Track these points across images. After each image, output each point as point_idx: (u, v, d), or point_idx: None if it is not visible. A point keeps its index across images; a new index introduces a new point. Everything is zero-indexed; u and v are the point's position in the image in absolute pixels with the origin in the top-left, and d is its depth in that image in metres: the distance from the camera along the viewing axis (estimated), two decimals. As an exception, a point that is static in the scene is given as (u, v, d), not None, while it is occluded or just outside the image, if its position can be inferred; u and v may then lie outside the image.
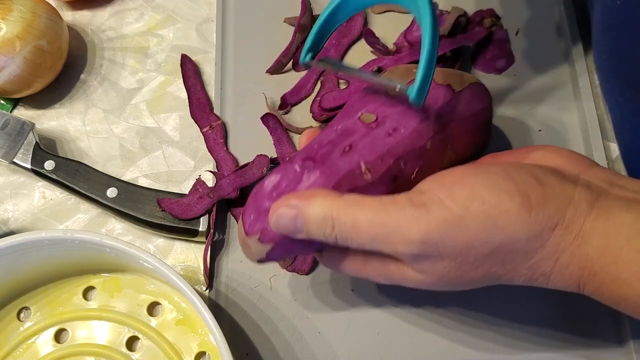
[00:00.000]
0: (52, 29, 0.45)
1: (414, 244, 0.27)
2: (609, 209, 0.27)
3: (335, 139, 0.32)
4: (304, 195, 0.29)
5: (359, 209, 0.28)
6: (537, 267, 0.27)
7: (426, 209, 0.27)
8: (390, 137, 0.32)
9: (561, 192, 0.27)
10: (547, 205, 0.27)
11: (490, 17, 0.47)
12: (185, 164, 0.45)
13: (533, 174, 0.28)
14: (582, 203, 0.27)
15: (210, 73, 0.48)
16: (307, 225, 0.29)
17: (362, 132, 0.32)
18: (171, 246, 0.43)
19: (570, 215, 0.27)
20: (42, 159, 0.43)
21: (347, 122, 0.33)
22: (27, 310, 0.41)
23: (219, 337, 0.33)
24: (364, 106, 0.33)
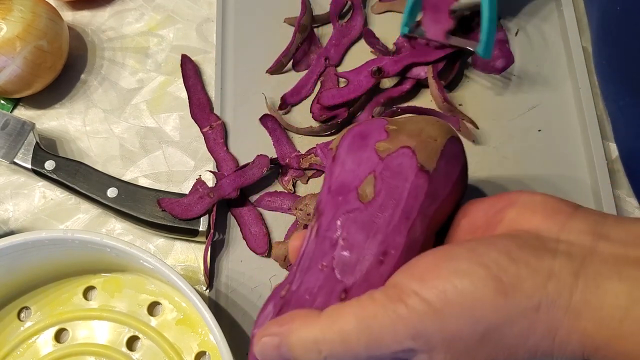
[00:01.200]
0: (52, 29, 0.45)
1: (405, 341, 0.26)
2: (596, 277, 0.25)
3: (325, 283, 0.29)
4: (283, 321, 0.28)
5: (342, 320, 0.26)
6: (536, 349, 0.26)
7: (404, 304, 0.26)
8: (383, 264, 0.29)
9: (538, 267, 0.26)
10: (523, 286, 0.25)
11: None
12: (186, 164, 0.45)
13: (505, 251, 0.26)
14: (564, 275, 0.25)
15: (210, 73, 0.48)
16: (293, 353, 0.27)
17: (352, 266, 0.29)
18: (171, 246, 0.43)
19: (553, 291, 0.25)
20: (43, 159, 0.43)
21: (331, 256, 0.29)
22: (27, 310, 0.41)
23: (219, 337, 0.33)
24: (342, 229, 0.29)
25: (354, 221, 0.29)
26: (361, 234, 0.29)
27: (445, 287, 0.26)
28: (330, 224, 0.30)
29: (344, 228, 0.29)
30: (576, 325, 0.25)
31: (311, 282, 0.29)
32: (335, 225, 0.29)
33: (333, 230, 0.29)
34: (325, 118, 0.44)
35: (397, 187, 0.29)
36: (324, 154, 0.43)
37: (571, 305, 0.25)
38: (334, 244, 0.29)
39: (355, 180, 0.30)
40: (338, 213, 0.30)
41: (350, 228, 0.29)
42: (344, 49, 0.47)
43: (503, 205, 0.30)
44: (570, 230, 0.27)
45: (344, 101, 0.43)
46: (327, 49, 0.47)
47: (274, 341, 0.28)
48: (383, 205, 0.29)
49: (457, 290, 0.26)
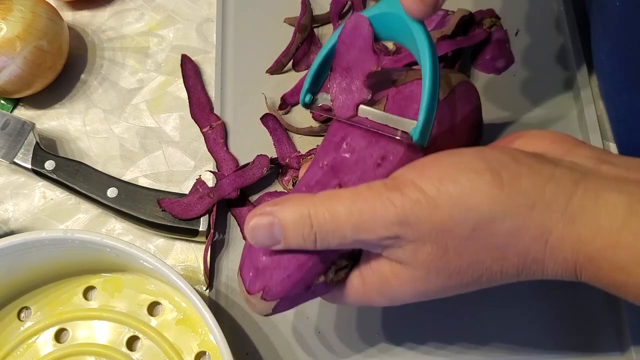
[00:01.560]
0: (52, 29, 0.45)
1: (392, 226, 0.26)
2: (597, 188, 0.25)
3: (322, 178, 0.31)
4: (277, 201, 0.28)
5: (336, 200, 0.27)
6: (527, 253, 0.26)
7: (400, 192, 0.26)
8: (380, 167, 0.30)
9: (539, 170, 0.26)
10: (521, 182, 0.25)
11: (490, 17, 0.47)
12: (186, 164, 0.45)
13: (510, 154, 0.27)
14: (564, 180, 0.25)
15: (210, 73, 0.48)
16: (284, 231, 0.27)
17: (350, 166, 0.30)
18: (171, 246, 0.43)
19: (550, 192, 0.25)
20: (43, 159, 0.43)
21: (332, 156, 0.31)
22: (27, 310, 0.41)
23: (219, 337, 0.33)
24: (347, 135, 0.31)
25: (359, 129, 0.31)
26: (364, 140, 0.31)
27: (442, 176, 0.26)
28: (336, 130, 0.32)
29: (348, 134, 0.31)
30: (571, 230, 0.25)
31: (309, 176, 0.31)
32: (342, 131, 0.31)
33: (339, 136, 0.31)
34: (325, 118, 0.44)
35: (405, 108, 0.31)
36: None
37: (567, 209, 0.25)
38: (337, 147, 0.31)
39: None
40: (344, 123, 0.32)
41: (355, 135, 0.31)
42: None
43: (512, 137, 0.31)
44: (575, 155, 0.28)
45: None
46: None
47: (266, 220, 0.27)
48: None
49: (454, 179, 0.26)
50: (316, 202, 0.27)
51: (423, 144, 0.30)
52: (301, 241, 0.27)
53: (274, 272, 0.29)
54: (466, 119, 0.34)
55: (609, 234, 0.24)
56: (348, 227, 0.27)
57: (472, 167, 0.26)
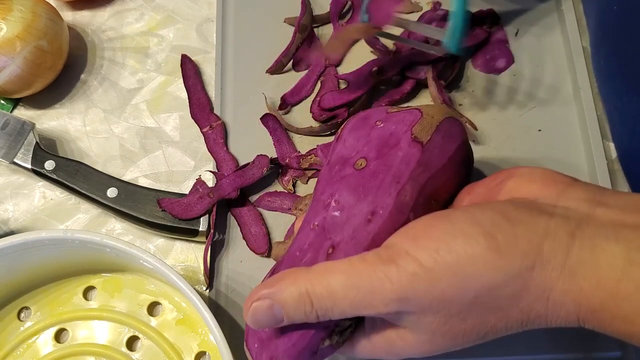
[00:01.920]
0: (52, 29, 0.45)
1: (391, 303, 0.26)
2: (593, 238, 0.25)
3: (315, 240, 0.30)
4: (272, 282, 0.28)
5: (331, 276, 0.27)
6: (530, 310, 0.26)
7: (395, 265, 0.26)
8: (371, 223, 0.29)
9: (534, 227, 0.25)
10: (518, 244, 0.25)
11: (490, 18, 0.47)
12: (185, 164, 0.45)
13: (501, 212, 0.26)
14: (560, 234, 0.25)
15: (210, 73, 0.48)
16: (285, 310, 0.27)
17: (341, 225, 0.30)
18: (171, 246, 0.43)
19: (548, 250, 0.25)
20: (43, 159, 0.43)
21: (322, 216, 0.31)
22: (27, 310, 0.41)
23: (219, 337, 0.33)
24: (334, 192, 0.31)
25: (346, 185, 0.31)
26: (352, 197, 0.30)
27: (438, 245, 0.26)
28: (324, 188, 0.31)
29: (336, 191, 0.31)
30: (571, 285, 0.25)
31: (302, 239, 0.31)
32: (329, 189, 0.31)
33: (327, 194, 0.31)
34: (325, 118, 0.44)
35: (389, 155, 0.31)
36: (324, 154, 0.43)
37: (567, 265, 0.25)
38: (327, 206, 0.31)
39: (353, 153, 0.32)
40: (333, 179, 0.31)
41: (343, 191, 0.31)
42: (344, 49, 0.47)
43: (503, 178, 0.30)
44: (568, 198, 0.27)
45: (344, 103, 0.43)
46: (327, 48, 0.47)
47: (265, 303, 0.27)
48: (375, 171, 0.30)
49: (450, 248, 0.25)
50: (312, 278, 0.27)
51: (456, 50, 0.34)
52: (304, 317, 0.27)
53: (278, 342, 0.29)
54: (454, 157, 0.32)
55: (609, 286, 0.24)
56: (346, 304, 0.26)
57: (467, 234, 0.25)
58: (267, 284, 0.28)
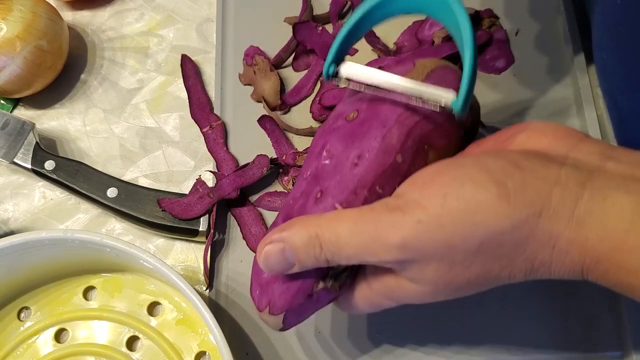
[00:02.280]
0: (52, 29, 0.45)
1: (393, 250, 0.26)
2: (603, 189, 0.25)
3: (306, 189, 0.31)
4: (284, 227, 0.28)
5: (339, 222, 0.27)
6: (534, 258, 0.25)
7: (401, 212, 0.26)
8: (357, 166, 0.30)
9: (544, 175, 0.25)
10: (527, 191, 0.25)
11: (489, 17, 0.46)
12: (185, 164, 0.45)
13: (512, 161, 0.26)
14: (570, 184, 0.25)
15: (210, 73, 0.48)
16: (296, 254, 0.28)
17: (329, 172, 0.30)
18: (171, 246, 0.43)
19: (557, 198, 0.25)
20: (43, 159, 0.43)
21: (314, 166, 0.31)
22: (27, 310, 0.41)
23: (219, 337, 0.33)
24: (326, 142, 0.32)
25: (337, 135, 0.31)
26: (341, 144, 0.31)
27: (446, 191, 0.25)
28: (317, 141, 0.32)
29: (327, 142, 0.31)
30: (577, 233, 0.24)
31: (296, 189, 0.32)
32: (321, 141, 0.32)
33: (319, 146, 0.32)
34: (325, 118, 0.44)
35: (379, 105, 0.31)
36: None
37: (575, 214, 0.24)
38: (318, 156, 0.31)
39: (348, 108, 0.32)
40: (325, 132, 0.32)
41: (333, 141, 0.31)
42: (344, 49, 0.47)
43: (514, 132, 0.30)
44: (580, 151, 0.27)
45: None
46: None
47: (278, 246, 0.28)
48: (364, 119, 0.31)
49: (458, 194, 0.25)
50: (321, 223, 0.27)
51: (463, 115, 0.30)
52: (315, 261, 0.28)
53: (274, 286, 0.30)
54: None
55: (616, 237, 0.24)
56: (350, 249, 0.27)
57: (476, 180, 0.25)
58: (279, 228, 0.28)
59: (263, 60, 0.45)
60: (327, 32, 0.46)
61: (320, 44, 0.46)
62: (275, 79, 0.45)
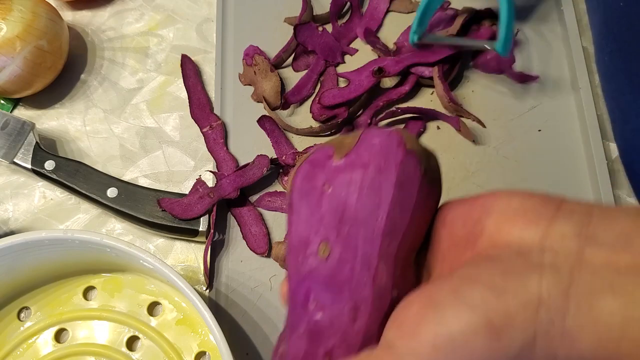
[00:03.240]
0: (52, 29, 0.45)
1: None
2: (588, 295, 0.24)
3: (309, 349, 0.29)
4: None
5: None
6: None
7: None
8: (357, 320, 0.28)
9: (526, 296, 0.25)
10: (515, 323, 0.24)
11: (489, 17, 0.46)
12: (185, 164, 0.45)
13: (489, 286, 0.25)
14: (554, 299, 0.24)
15: (210, 73, 0.48)
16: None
17: (327, 328, 0.28)
18: (171, 246, 0.43)
19: (545, 320, 0.24)
20: (43, 159, 0.43)
21: (305, 320, 0.29)
22: (27, 310, 0.41)
23: (219, 337, 0.33)
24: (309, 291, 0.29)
25: (317, 281, 0.28)
26: (328, 293, 0.28)
27: (436, 341, 0.25)
28: (296, 288, 0.29)
29: (310, 290, 0.28)
30: (572, 349, 0.24)
31: (296, 348, 0.29)
32: (302, 287, 0.29)
33: (301, 294, 0.29)
34: (325, 118, 0.44)
35: (350, 235, 0.28)
36: None
37: (565, 330, 0.24)
38: (305, 308, 0.29)
39: (312, 234, 0.29)
40: (301, 275, 0.29)
41: (316, 289, 0.28)
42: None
43: (479, 214, 0.28)
44: (554, 237, 0.26)
45: (345, 100, 0.43)
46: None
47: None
48: (341, 259, 0.28)
49: (449, 341, 0.25)
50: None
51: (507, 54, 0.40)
52: None
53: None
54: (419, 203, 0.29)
55: (610, 346, 0.24)
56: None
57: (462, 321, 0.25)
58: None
59: (263, 60, 0.45)
60: (327, 33, 0.46)
61: (321, 45, 0.46)
62: (276, 79, 0.45)
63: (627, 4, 0.38)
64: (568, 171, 0.43)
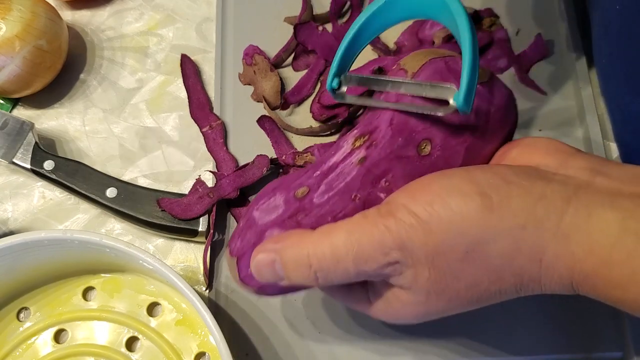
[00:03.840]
0: (51, 29, 0.44)
1: (392, 252, 0.26)
2: (589, 204, 0.25)
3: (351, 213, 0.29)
4: (280, 239, 0.29)
5: (333, 235, 0.27)
6: (522, 273, 0.26)
7: (394, 217, 0.26)
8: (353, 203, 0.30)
9: (530, 189, 0.26)
10: (511, 203, 0.25)
11: (489, 17, 0.46)
12: (185, 164, 0.45)
13: (499, 174, 0.27)
14: (555, 199, 0.25)
15: (210, 73, 0.48)
16: (286, 270, 0.28)
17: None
18: (171, 246, 0.43)
19: (542, 212, 0.25)
20: (42, 158, 0.43)
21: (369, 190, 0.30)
22: (26, 311, 0.41)
23: (219, 338, 0.33)
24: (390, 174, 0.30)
25: (403, 169, 0.30)
26: (405, 182, 0.29)
27: (433, 200, 0.26)
28: (380, 162, 0.30)
29: (393, 173, 0.30)
30: (564, 248, 0.25)
31: (338, 208, 0.30)
32: (386, 166, 0.30)
33: (382, 171, 0.30)
34: (325, 117, 0.44)
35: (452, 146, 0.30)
36: (320, 154, 0.43)
37: (560, 228, 0.25)
38: (376, 183, 0.30)
39: (419, 129, 0.29)
40: (392, 156, 0.30)
41: (398, 174, 0.30)
42: (344, 49, 0.47)
43: (507, 148, 0.30)
44: (569, 166, 0.27)
45: (345, 100, 0.43)
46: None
47: (269, 257, 0.28)
48: (435, 164, 0.29)
49: (445, 203, 0.26)
50: (314, 240, 0.28)
51: (467, 110, 0.27)
52: (303, 280, 0.28)
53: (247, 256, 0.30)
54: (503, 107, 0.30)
55: (602, 252, 0.24)
56: (349, 260, 0.27)
57: (462, 191, 0.26)
58: (274, 239, 0.29)
59: (263, 60, 0.45)
60: (328, 33, 0.46)
61: (321, 44, 0.46)
62: (275, 79, 0.45)
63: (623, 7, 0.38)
64: (568, 171, 0.43)
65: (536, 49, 0.46)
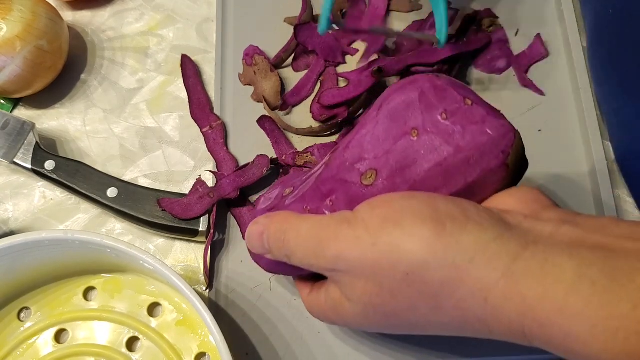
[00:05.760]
0: (52, 29, 0.44)
1: (329, 258, 0.27)
2: (546, 251, 0.24)
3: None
4: (271, 214, 0.31)
5: (304, 221, 0.29)
6: (466, 308, 0.25)
7: (348, 225, 0.27)
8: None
9: (487, 228, 0.25)
10: (462, 236, 0.25)
11: (489, 17, 0.47)
12: (185, 164, 0.45)
13: (462, 208, 0.26)
14: (511, 242, 0.24)
15: (210, 73, 0.48)
16: (268, 241, 0.30)
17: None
18: (171, 246, 0.43)
19: (493, 251, 0.24)
20: (43, 159, 0.43)
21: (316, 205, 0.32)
22: (27, 311, 0.41)
23: (219, 338, 0.33)
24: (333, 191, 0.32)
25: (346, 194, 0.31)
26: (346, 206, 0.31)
27: (388, 216, 0.26)
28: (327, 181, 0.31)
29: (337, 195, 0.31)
30: (513, 290, 0.23)
31: (314, 204, 0.32)
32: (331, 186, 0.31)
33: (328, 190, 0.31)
34: (325, 118, 0.44)
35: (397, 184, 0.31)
36: (320, 154, 0.43)
37: (510, 269, 0.24)
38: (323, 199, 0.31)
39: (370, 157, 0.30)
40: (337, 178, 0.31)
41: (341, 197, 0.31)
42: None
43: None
44: (539, 218, 0.27)
45: (345, 100, 0.43)
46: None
47: (258, 230, 0.31)
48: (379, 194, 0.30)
49: (397, 222, 0.26)
50: (292, 220, 0.30)
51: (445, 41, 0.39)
52: (279, 255, 0.30)
53: None
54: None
55: (556, 297, 0.22)
56: (301, 251, 0.29)
57: (419, 213, 0.26)
58: (268, 214, 0.32)
59: (263, 60, 0.45)
60: (328, 33, 0.46)
61: (321, 44, 0.46)
62: (276, 79, 0.45)
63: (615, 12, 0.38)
64: (568, 171, 0.43)
65: (535, 50, 0.46)
